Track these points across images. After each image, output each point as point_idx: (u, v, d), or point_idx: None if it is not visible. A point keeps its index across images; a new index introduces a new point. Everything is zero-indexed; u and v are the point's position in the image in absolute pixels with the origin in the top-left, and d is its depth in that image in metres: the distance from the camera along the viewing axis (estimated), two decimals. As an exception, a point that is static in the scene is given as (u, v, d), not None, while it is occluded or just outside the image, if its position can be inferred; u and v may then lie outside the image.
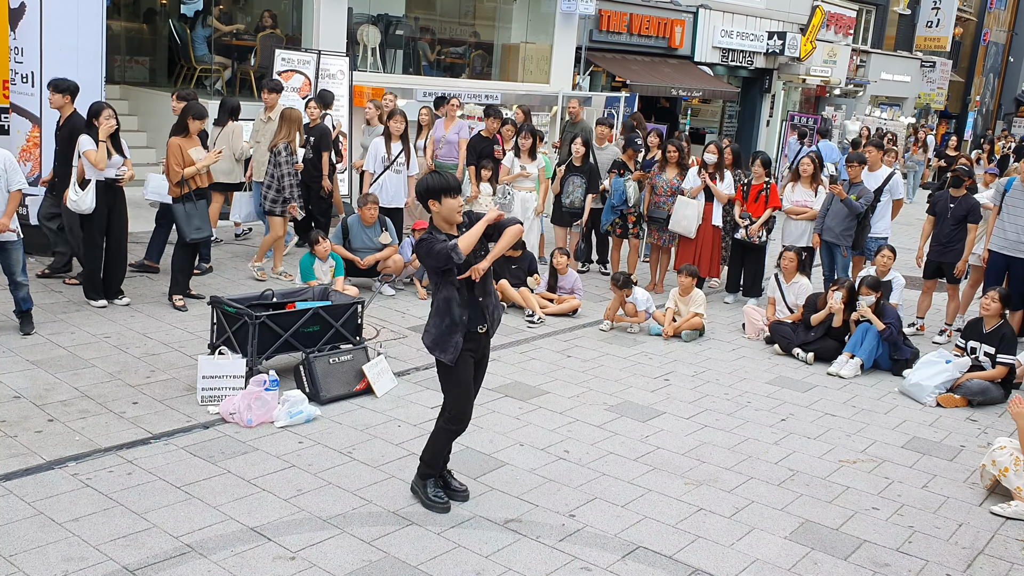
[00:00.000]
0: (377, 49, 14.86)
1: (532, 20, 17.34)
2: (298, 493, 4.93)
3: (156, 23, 15.90)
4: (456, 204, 4.61)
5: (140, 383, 6.26)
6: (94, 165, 7.40)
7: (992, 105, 40.75)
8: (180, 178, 7.79)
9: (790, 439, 6.31)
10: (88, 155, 7.41)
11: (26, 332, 6.93)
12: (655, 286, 10.17)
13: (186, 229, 7.84)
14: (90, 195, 7.42)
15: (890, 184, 9.56)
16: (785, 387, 7.43)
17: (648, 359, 7.90)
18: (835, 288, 8.19)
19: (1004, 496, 5.53)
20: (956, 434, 6.67)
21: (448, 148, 11.06)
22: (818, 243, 9.42)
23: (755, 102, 23.88)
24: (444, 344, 4.67)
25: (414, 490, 5.00)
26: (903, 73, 30.55)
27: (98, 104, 7.63)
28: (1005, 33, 39.95)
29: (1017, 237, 8.55)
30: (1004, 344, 7.36)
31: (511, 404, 6.51)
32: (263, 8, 15.19)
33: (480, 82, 16.19)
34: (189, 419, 5.75)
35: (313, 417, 5.91)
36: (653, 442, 6.05)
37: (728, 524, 4.99)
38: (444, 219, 4.65)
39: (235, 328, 6.28)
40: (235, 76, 14.36)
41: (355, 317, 6.78)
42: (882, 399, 7.32)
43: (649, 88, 18.55)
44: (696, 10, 20.67)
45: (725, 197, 9.83)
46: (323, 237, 8.52)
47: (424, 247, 4.59)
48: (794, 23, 23.25)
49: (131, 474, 4.98)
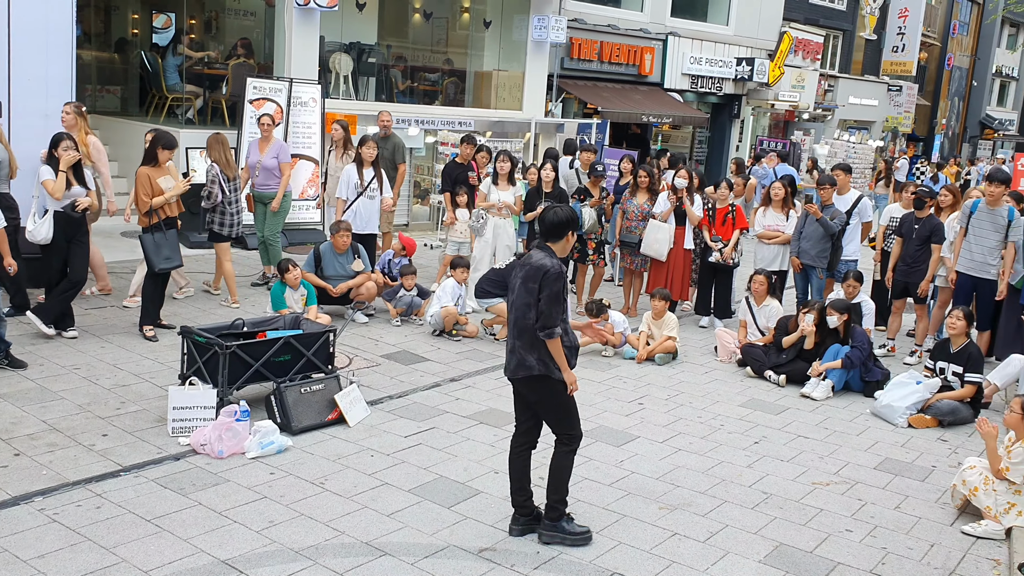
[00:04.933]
0: (349, 77, 14.91)
1: (504, 48, 17.49)
2: (270, 525, 4.87)
3: (127, 52, 15.88)
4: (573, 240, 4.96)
5: (110, 415, 6.19)
6: (51, 194, 7.39)
7: (958, 128, 41.48)
8: (149, 208, 7.75)
9: (763, 462, 6.33)
10: (46, 184, 7.41)
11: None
12: (629, 310, 10.22)
13: (155, 259, 7.79)
14: (46, 225, 7.40)
15: (859, 207, 9.68)
16: (758, 409, 7.47)
17: (622, 383, 7.92)
18: (806, 311, 8.27)
19: (975, 515, 5.57)
20: (927, 454, 6.73)
21: (265, 175, 9.75)
22: (798, 266, 9.53)
23: (724, 127, 24.15)
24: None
25: (549, 539, 4.86)
26: (870, 97, 31.06)
27: (59, 135, 7.62)
28: (968, 58, 40.77)
29: (983, 258, 8.68)
30: (971, 363, 7.46)
31: (486, 431, 6.49)
32: (235, 37, 15.22)
33: (453, 109, 16.27)
34: (160, 451, 5.68)
35: (285, 448, 5.86)
36: (628, 467, 6.05)
37: (703, 548, 4.99)
38: (562, 249, 4.92)
39: (206, 358, 6.23)
40: (207, 105, 14.34)
41: (327, 346, 6.75)
42: (854, 420, 7.37)
43: (620, 115, 18.73)
44: (665, 38, 20.92)
45: (697, 219, 9.92)
46: (294, 265, 8.48)
47: (557, 287, 4.68)
48: (762, 49, 23.59)
49: (100, 508, 4.91)
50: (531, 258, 4.84)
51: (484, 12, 17.54)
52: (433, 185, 14.81)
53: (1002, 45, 43.09)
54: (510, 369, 4.89)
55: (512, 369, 4.87)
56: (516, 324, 4.82)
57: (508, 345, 4.90)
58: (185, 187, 8.11)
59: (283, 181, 9.81)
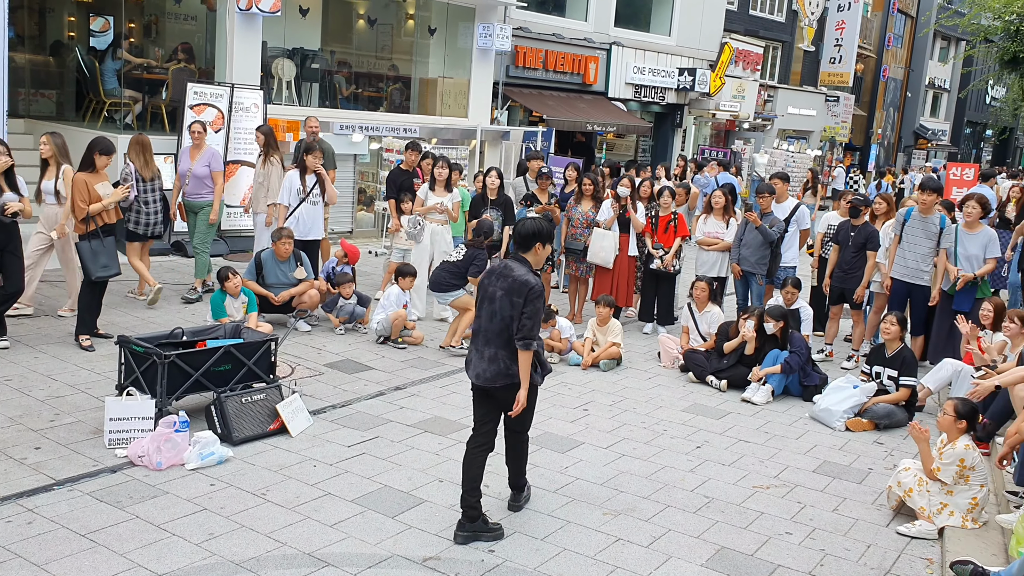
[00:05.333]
0: (292, 82, 14.77)
1: (449, 55, 17.49)
2: (210, 537, 4.79)
3: (63, 56, 15.50)
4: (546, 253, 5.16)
5: (43, 427, 6.02)
6: None
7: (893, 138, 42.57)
8: (85, 214, 7.58)
9: (705, 466, 6.41)
10: None
11: None
12: (574, 316, 10.28)
13: (92, 267, 7.62)
14: None
15: (796, 215, 9.88)
16: (700, 414, 7.57)
17: (568, 389, 7.96)
18: (746, 317, 8.40)
19: (909, 516, 5.71)
20: (864, 457, 6.87)
21: (196, 183, 9.62)
22: (738, 273, 9.68)
23: (667, 136, 24.48)
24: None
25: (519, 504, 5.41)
26: (809, 107, 31.74)
27: None
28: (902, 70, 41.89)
29: (916, 265, 8.91)
30: (905, 367, 7.64)
31: (430, 440, 6.46)
32: (176, 41, 14.97)
33: (398, 116, 16.21)
34: (96, 463, 5.55)
35: (225, 458, 5.76)
36: (572, 473, 6.08)
37: (646, 553, 5.03)
38: (536, 261, 5.13)
39: (144, 368, 6.11)
40: (146, 110, 14.07)
41: (268, 355, 6.66)
42: (793, 424, 7.51)
43: (565, 123, 18.87)
44: (609, 47, 21.14)
45: (641, 226, 10.02)
46: (234, 273, 8.37)
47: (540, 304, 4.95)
48: (704, 60, 23.97)
49: (31, 523, 4.77)
50: (512, 270, 4.98)
51: (429, 19, 17.53)
52: (378, 192, 14.73)
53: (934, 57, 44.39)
54: (487, 377, 4.96)
55: (490, 377, 4.95)
56: (500, 335, 4.92)
57: (485, 353, 4.97)
58: (123, 194, 7.96)
59: (217, 191, 9.69)
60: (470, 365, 5.09)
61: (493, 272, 5.11)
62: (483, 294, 5.07)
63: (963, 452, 5.52)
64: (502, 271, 5.03)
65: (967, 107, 48.14)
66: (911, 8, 40.86)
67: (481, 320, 5.03)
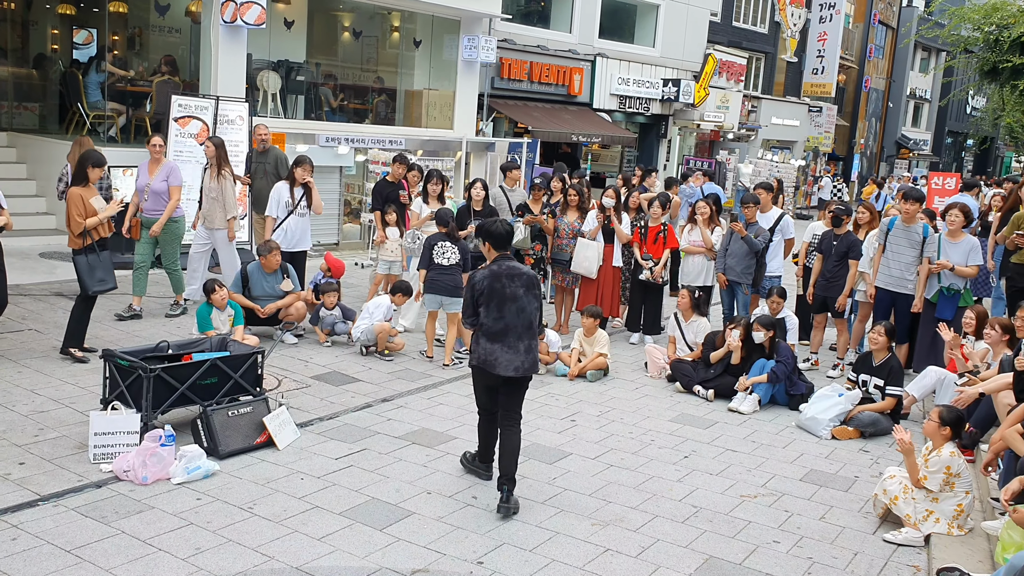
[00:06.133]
0: (277, 95, 14.76)
1: (435, 67, 17.53)
2: (196, 552, 4.76)
3: (46, 68, 15.45)
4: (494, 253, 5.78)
5: (27, 442, 5.98)
6: None
7: (875, 148, 42.91)
8: (83, 229, 7.58)
9: (693, 476, 6.42)
10: None
11: None
12: (560, 327, 10.28)
13: (88, 281, 7.61)
14: None
15: (781, 224, 9.94)
16: (687, 424, 7.58)
17: (555, 400, 7.96)
18: (732, 326, 8.43)
19: (895, 523, 5.74)
20: (850, 465, 6.90)
21: (154, 199, 9.20)
22: (724, 283, 9.72)
23: (652, 147, 24.59)
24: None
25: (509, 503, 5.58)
26: (792, 118, 31.97)
27: None
28: (884, 80, 42.26)
29: (901, 274, 8.97)
30: (892, 376, 7.69)
31: (418, 452, 6.45)
32: (159, 54, 14.95)
33: (384, 127, 16.22)
34: (80, 478, 5.51)
35: (211, 472, 5.73)
36: (560, 484, 6.08)
37: (634, 564, 5.03)
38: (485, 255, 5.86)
39: (129, 382, 6.07)
40: (130, 123, 14.03)
41: (255, 367, 6.64)
42: (780, 433, 7.53)
43: (550, 134, 18.93)
44: (594, 59, 21.24)
45: (626, 237, 10.05)
46: (220, 285, 8.34)
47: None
48: (688, 71, 24.12)
49: (16, 539, 4.73)
50: (517, 268, 5.69)
51: (414, 31, 17.58)
52: (364, 204, 14.72)
53: (915, 68, 44.79)
54: (526, 368, 5.61)
55: (529, 367, 5.64)
56: (528, 328, 5.64)
57: (519, 347, 5.58)
58: (118, 208, 7.98)
59: (170, 204, 9.25)
60: (499, 364, 5.54)
61: (500, 275, 5.62)
62: (500, 295, 5.58)
63: (949, 459, 5.55)
64: (508, 271, 5.63)
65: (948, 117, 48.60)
66: (892, 20, 41.26)
67: (506, 319, 5.57)
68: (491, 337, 5.58)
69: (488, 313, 5.60)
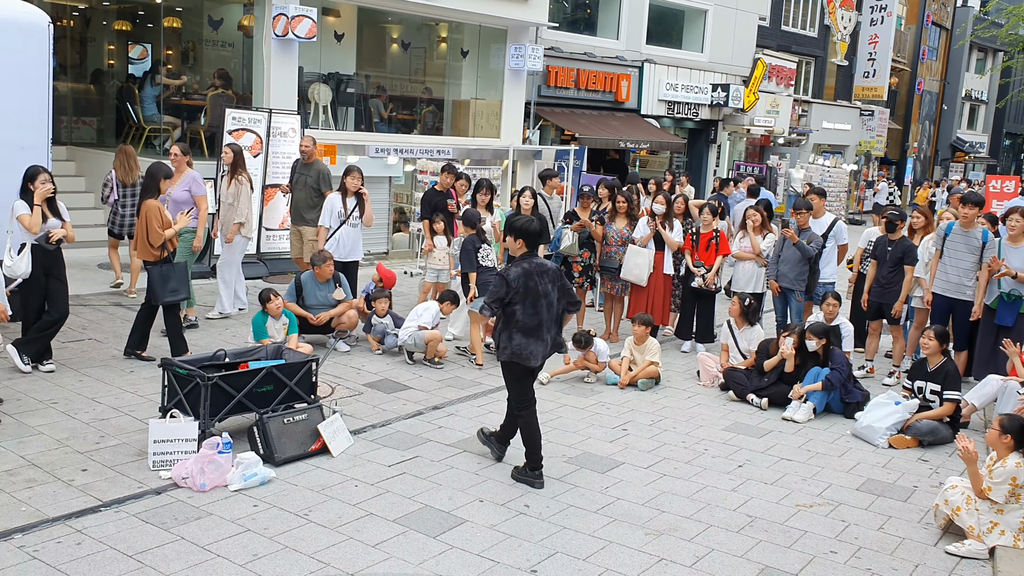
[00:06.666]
0: (328, 107, 14.96)
1: (482, 77, 17.62)
2: (254, 558, 4.83)
3: (103, 83, 15.85)
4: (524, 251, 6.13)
5: (89, 449, 6.12)
6: (27, 229, 7.31)
7: (929, 151, 42.11)
8: (163, 240, 7.79)
9: (748, 485, 6.34)
10: (22, 219, 7.32)
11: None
12: (610, 335, 10.24)
13: (160, 291, 7.85)
14: (25, 260, 7.29)
15: (834, 230, 9.80)
16: (741, 433, 7.50)
17: (606, 409, 7.93)
18: (786, 334, 8.32)
19: (958, 535, 5.61)
20: (909, 475, 6.77)
21: (175, 208, 8.77)
22: (776, 290, 9.61)
23: (702, 152, 24.42)
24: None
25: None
26: (843, 122, 31.51)
27: (34, 168, 7.50)
28: (938, 82, 41.48)
29: (959, 280, 8.79)
30: (948, 380, 7.52)
31: (469, 459, 6.47)
32: (213, 67, 15.24)
33: (432, 137, 16.35)
34: (141, 485, 5.62)
35: (268, 479, 5.81)
36: (613, 493, 6.05)
37: (690, 573, 4.98)
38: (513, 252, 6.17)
39: (187, 390, 6.18)
40: (185, 135, 14.32)
41: (309, 375, 6.72)
42: (836, 442, 7.41)
43: (597, 141, 18.89)
44: (641, 65, 21.16)
45: (675, 245, 9.99)
46: (275, 295, 8.46)
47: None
48: (737, 75, 23.92)
49: (80, 544, 4.84)
50: (543, 265, 6.07)
51: (461, 42, 17.68)
52: (413, 213, 14.84)
53: (971, 69, 43.92)
54: (547, 354, 6.15)
55: (550, 353, 6.19)
56: (557, 319, 6.18)
57: (548, 338, 6.08)
58: (188, 220, 8.30)
59: (201, 216, 9.05)
60: (532, 356, 6.00)
61: (532, 273, 5.98)
62: (535, 293, 5.96)
63: (1015, 470, 5.42)
64: (538, 269, 6.01)
65: (1006, 118, 47.52)
66: (946, 21, 40.49)
67: (540, 315, 5.98)
68: (526, 332, 5.98)
69: (524, 310, 5.97)
